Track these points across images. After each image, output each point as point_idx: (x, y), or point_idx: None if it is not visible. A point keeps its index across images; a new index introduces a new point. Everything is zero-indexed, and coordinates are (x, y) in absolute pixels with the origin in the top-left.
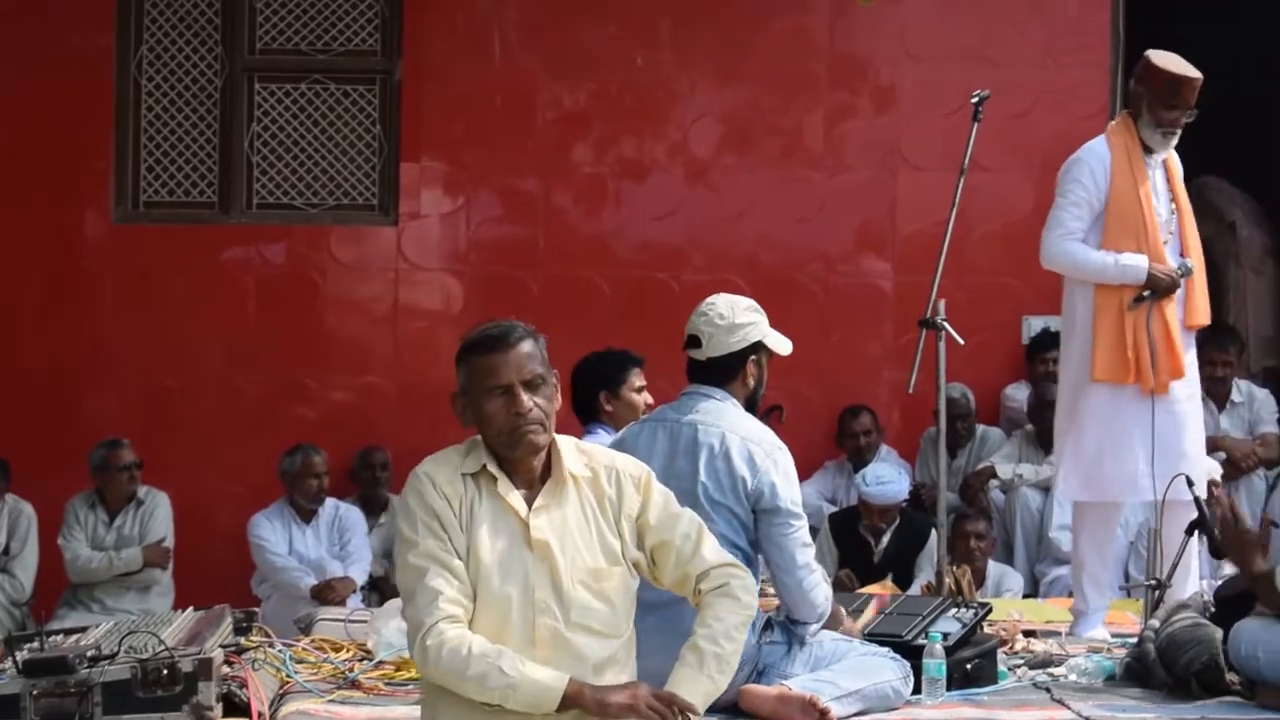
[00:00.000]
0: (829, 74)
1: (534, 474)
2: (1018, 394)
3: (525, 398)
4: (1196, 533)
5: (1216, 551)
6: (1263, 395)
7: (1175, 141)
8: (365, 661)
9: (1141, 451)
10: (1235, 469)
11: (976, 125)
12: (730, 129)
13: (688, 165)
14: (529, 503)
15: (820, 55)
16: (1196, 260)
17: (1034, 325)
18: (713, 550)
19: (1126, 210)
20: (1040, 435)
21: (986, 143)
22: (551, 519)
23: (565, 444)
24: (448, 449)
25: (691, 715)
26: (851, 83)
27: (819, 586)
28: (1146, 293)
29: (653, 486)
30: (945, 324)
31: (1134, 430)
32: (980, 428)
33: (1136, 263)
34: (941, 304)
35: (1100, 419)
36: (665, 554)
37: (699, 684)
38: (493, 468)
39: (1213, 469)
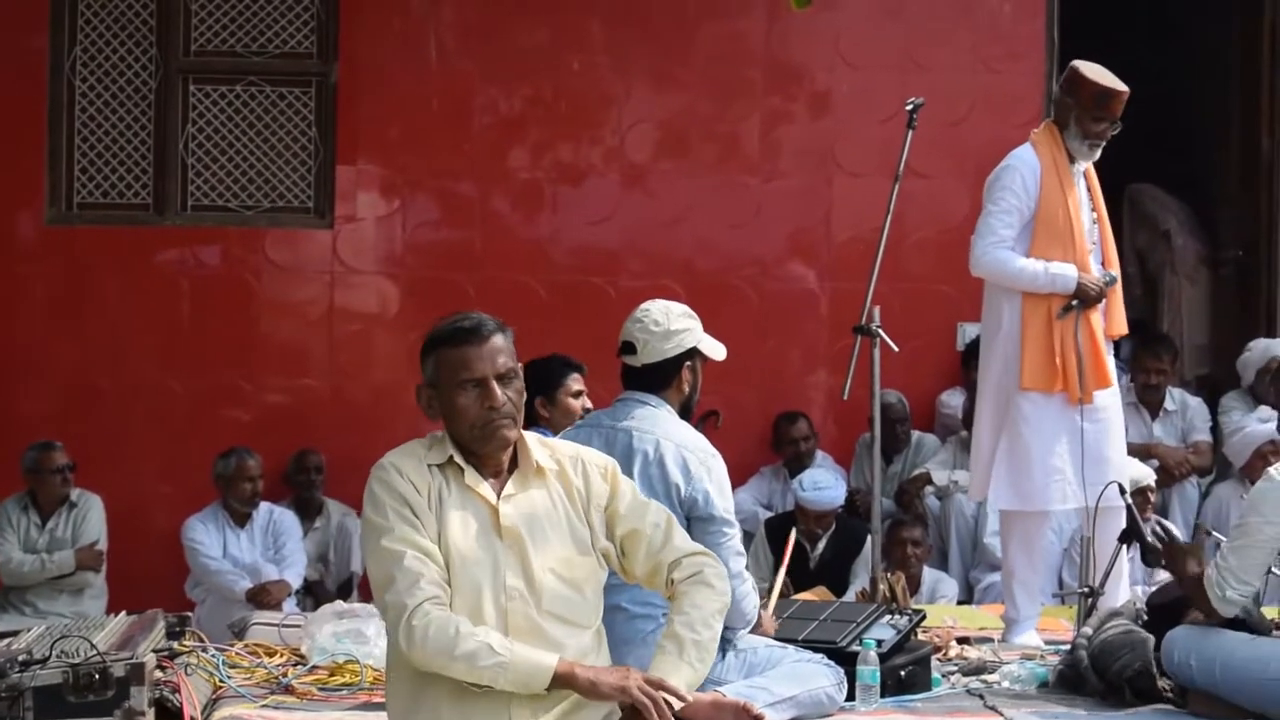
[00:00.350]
0: (765, 80)
1: (501, 467)
2: (953, 400)
3: (499, 391)
4: (1129, 540)
5: (1149, 559)
6: (1196, 403)
7: (1099, 153)
8: (299, 666)
9: (1069, 460)
10: (1169, 477)
11: (911, 132)
12: (666, 134)
13: (624, 170)
14: (497, 492)
15: (756, 61)
16: (1117, 270)
17: (969, 332)
18: (683, 538)
19: (1054, 219)
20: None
21: (922, 149)
22: (520, 507)
23: (529, 437)
24: (409, 443)
25: (678, 701)
26: (787, 88)
27: (749, 595)
28: (1074, 302)
29: (619, 476)
30: (880, 330)
31: (1062, 439)
32: (915, 434)
33: (1066, 272)
34: (876, 310)
35: (1028, 427)
36: (636, 543)
37: (681, 671)
38: (459, 459)
39: (1146, 476)
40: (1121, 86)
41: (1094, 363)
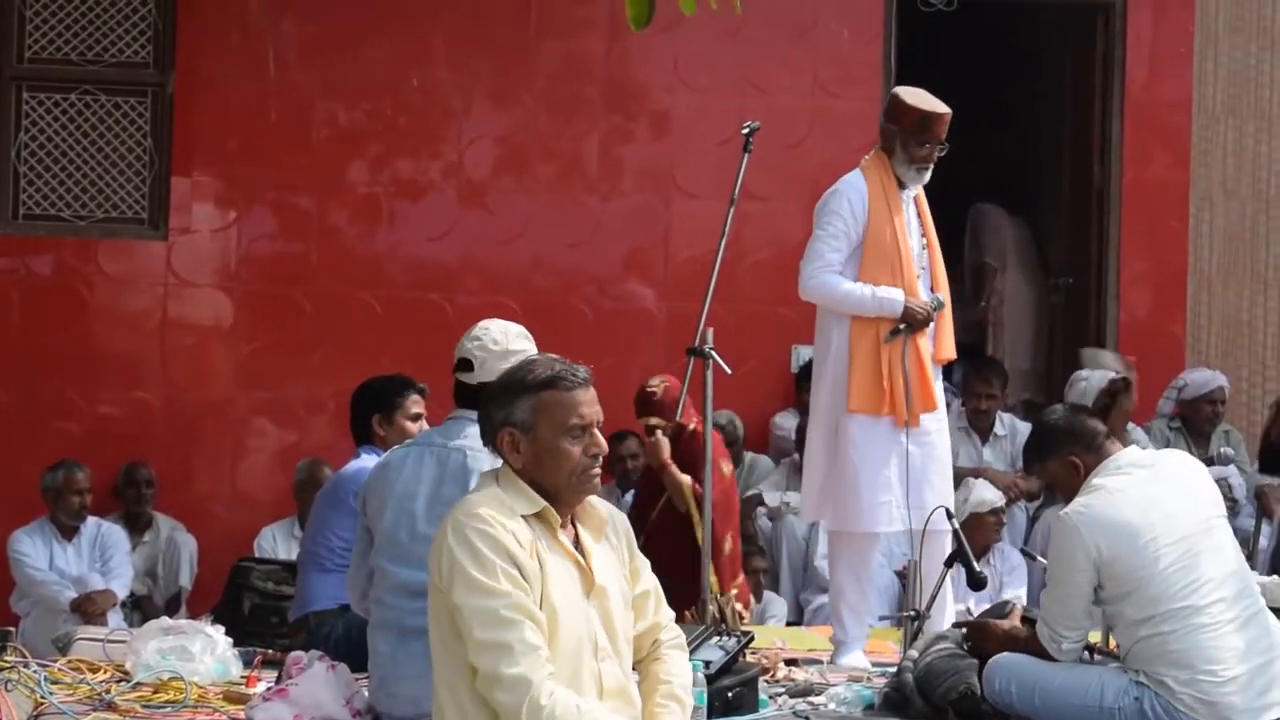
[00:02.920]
0: (605, 99)
1: (568, 518)
2: (786, 422)
3: (601, 439)
4: (954, 564)
5: (975, 583)
6: (1025, 428)
7: (928, 176)
8: (123, 683)
9: (896, 483)
10: None
11: (747, 155)
12: (506, 151)
13: (462, 186)
14: (574, 546)
15: (596, 80)
16: (945, 295)
17: (803, 354)
18: (666, 605)
19: (882, 243)
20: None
21: (759, 172)
22: (599, 563)
23: None
24: (482, 491)
25: None
26: (627, 108)
27: None
28: (902, 326)
29: (632, 534)
30: (713, 352)
31: (889, 461)
32: (749, 455)
33: (893, 296)
34: (710, 332)
35: (855, 449)
36: (644, 603)
37: None
38: (554, 512)
39: (996, 499)
40: (942, 109)
41: (921, 386)
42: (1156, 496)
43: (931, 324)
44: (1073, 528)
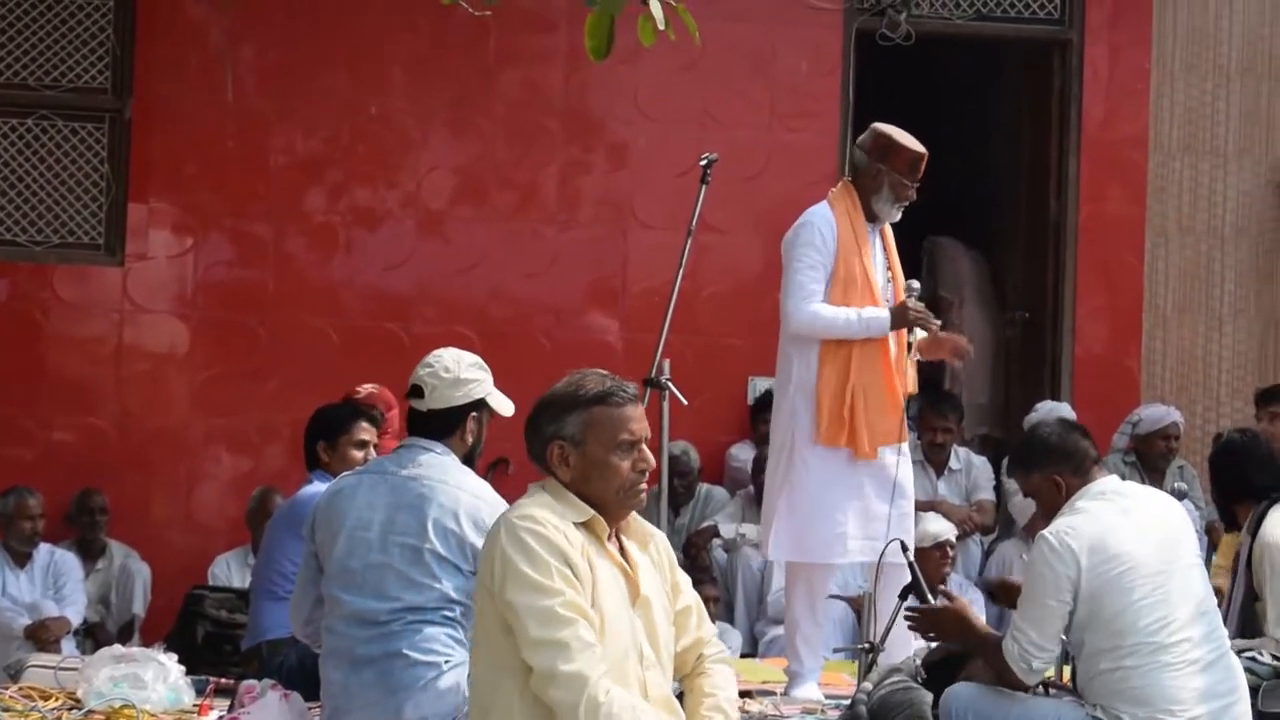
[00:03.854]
0: (563, 129)
1: (613, 532)
2: (742, 454)
3: (650, 455)
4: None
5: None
6: (980, 462)
7: (901, 213)
8: (75, 710)
9: (852, 514)
10: None
11: (705, 187)
12: (464, 180)
13: (420, 216)
14: (621, 557)
15: (554, 110)
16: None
17: (759, 385)
18: (708, 619)
19: (850, 274)
20: (763, 495)
21: (717, 204)
22: (645, 574)
23: None
24: (532, 498)
25: None
26: (585, 139)
27: None
28: (912, 339)
29: (672, 551)
30: (669, 383)
31: (845, 493)
32: (704, 486)
33: (877, 313)
34: (666, 363)
35: (812, 480)
36: (686, 619)
37: None
38: (604, 522)
39: (947, 531)
40: (924, 149)
41: (883, 418)
42: (1138, 528)
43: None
44: (1056, 547)
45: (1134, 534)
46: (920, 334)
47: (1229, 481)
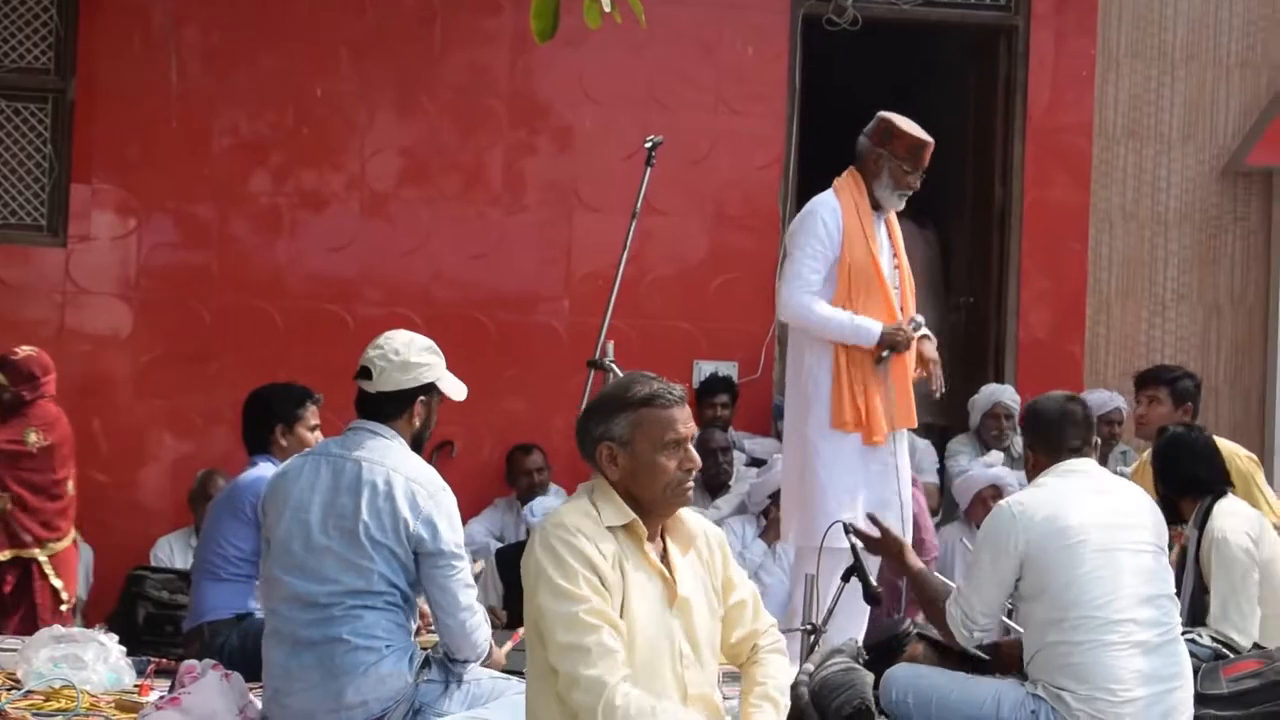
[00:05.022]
0: (509, 112)
1: (658, 531)
2: None
3: (695, 454)
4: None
5: (870, 597)
6: (924, 445)
7: (905, 201)
8: (14, 691)
9: (861, 501)
10: None
11: (649, 170)
12: (408, 163)
13: (364, 198)
14: (660, 558)
15: (500, 92)
16: (919, 314)
17: (704, 369)
18: (765, 610)
19: (859, 263)
20: (706, 481)
21: (663, 187)
22: (685, 575)
23: None
24: (573, 501)
25: None
26: (531, 121)
27: (481, 627)
28: (885, 353)
29: (727, 546)
30: (614, 365)
31: (856, 479)
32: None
33: (869, 325)
34: (610, 345)
35: (824, 466)
36: (739, 612)
37: None
38: (638, 524)
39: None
40: (930, 139)
41: (900, 401)
42: (1095, 506)
43: (910, 344)
44: (1005, 518)
45: (1089, 511)
46: (887, 354)
47: (1174, 476)
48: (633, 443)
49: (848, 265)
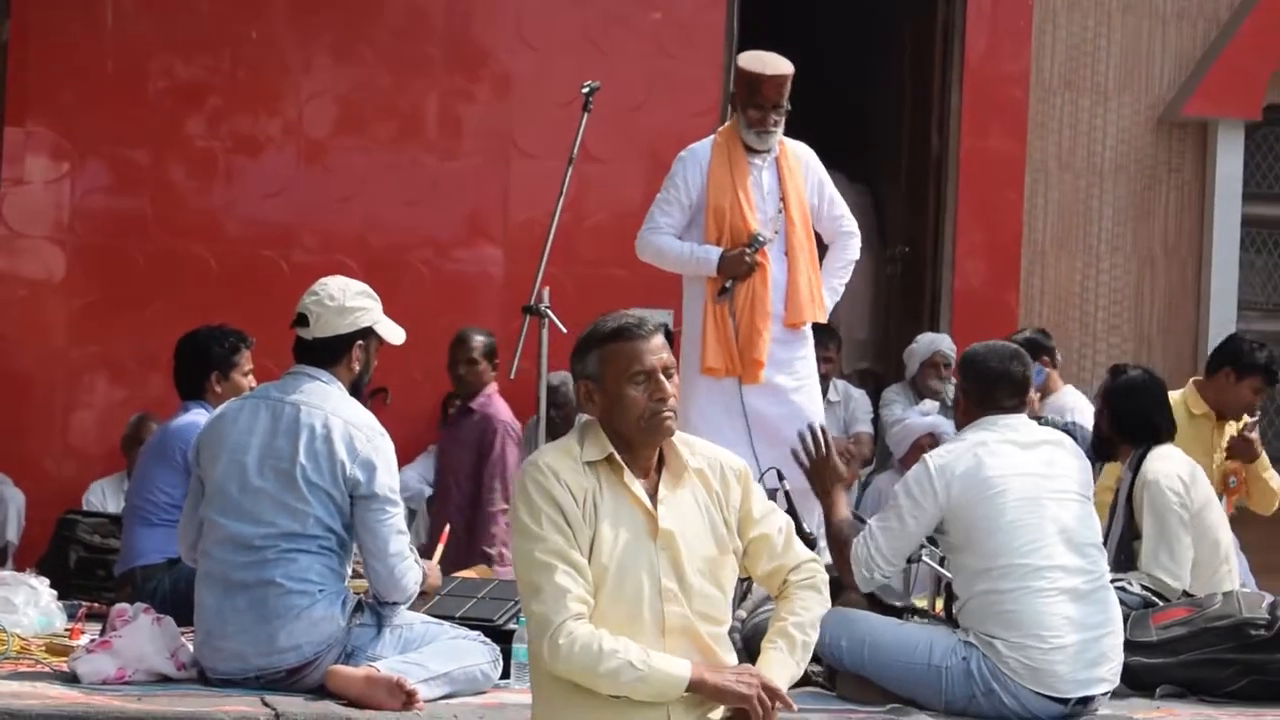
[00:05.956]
0: (445, 57)
1: (650, 466)
2: None
3: (666, 384)
4: None
5: (803, 542)
6: (859, 395)
7: (774, 139)
8: None
9: (734, 443)
10: None
11: (586, 116)
12: (345, 109)
13: (300, 143)
14: (649, 492)
15: (437, 38)
16: (807, 259)
17: None
18: (800, 545)
19: (720, 209)
20: None
21: (600, 134)
22: (672, 508)
23: (676, 437)
24: (563, 439)
25: (789, 710)
26: (468, 68)
27: (410, 572)
28: (728, 283)
29: (750, 479)
30: (549, 311)
31: (727, 422)
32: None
33: (708, 254)
34: (546, 291)
35: (696, 409)
36: (763, 546)
37: (787, 668)
38: (618, 456)
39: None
40: (771, 70)
41: (748, 344)
42: (1018, 457)
43: (754, 270)
44: (926, 471)
45: (1011, 463)
46: (730, 284)
47: (1128, 419)
48: (604, 378)
49: (713, 210)
